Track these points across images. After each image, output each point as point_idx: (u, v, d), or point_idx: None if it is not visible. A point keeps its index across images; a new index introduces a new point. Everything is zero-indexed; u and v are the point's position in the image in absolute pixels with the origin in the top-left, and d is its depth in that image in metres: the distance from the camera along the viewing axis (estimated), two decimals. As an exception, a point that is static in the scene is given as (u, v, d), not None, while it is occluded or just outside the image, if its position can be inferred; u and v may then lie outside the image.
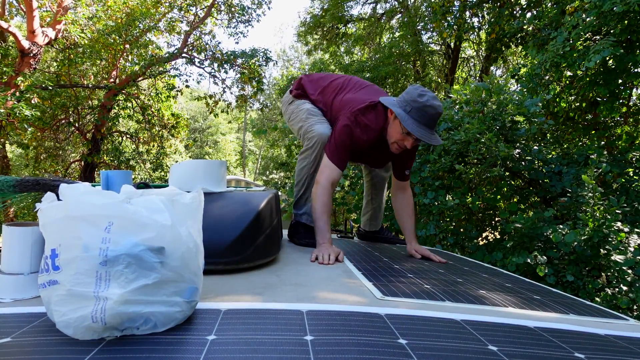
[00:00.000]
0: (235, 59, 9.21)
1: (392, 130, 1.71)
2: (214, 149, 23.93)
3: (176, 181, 1.38)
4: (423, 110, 1.60)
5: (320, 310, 0.82)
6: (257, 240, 1.24)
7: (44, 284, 0.67)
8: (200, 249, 0.78)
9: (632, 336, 0.85)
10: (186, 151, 16.01)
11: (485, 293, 1.15)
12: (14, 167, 11.83)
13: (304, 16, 11.92)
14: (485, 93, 3.49)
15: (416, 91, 1.63)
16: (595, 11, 3.47)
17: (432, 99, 1.61)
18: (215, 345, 0.62)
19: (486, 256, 3.09)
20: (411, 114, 1.62)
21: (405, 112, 1.63)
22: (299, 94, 2.00)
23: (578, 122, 4.75)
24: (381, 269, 1.37)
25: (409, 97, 1.63)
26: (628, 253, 2.65)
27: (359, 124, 1.73)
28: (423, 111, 1.60)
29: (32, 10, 6.98)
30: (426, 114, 1.60)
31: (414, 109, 1.61)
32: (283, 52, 24.69)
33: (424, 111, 1.60)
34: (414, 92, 1.63)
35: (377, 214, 2.25)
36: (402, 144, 1.70)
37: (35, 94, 7.30)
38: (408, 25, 8.60)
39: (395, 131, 1.70)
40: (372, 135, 1.77)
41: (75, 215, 0.66)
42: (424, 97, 1.60)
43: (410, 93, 1.64)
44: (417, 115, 1.61)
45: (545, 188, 3.39)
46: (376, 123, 1.75)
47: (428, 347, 0.66)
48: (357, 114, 1.73)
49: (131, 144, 10.47)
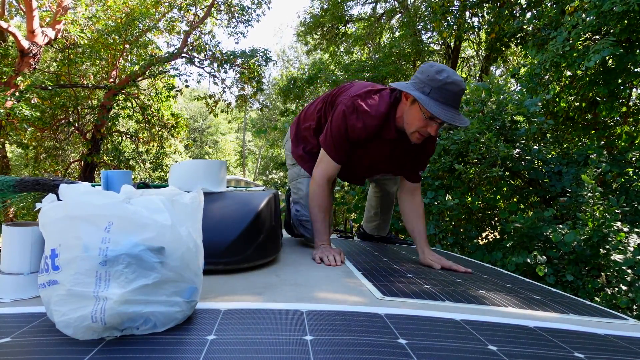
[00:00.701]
0: (235, 59, 9.22)
1: (411, 118, 1.48)
2: (213, 148, 23.93)
3: (176, 181, 1.38)
4: (444, 88, 1.37)
5: (320, 310, 0.82)
6: (257, 240, 1.24)
7: (44, 284, 0.67)
8: (200, 249, 0.78)
9: (632, 336, 0.85)
10: (186, 151, 16.01)
11: (485, 293, 1.15)
12: (14, 167, 11.83)
13: (304, 16, 11.93)
14: (485, 93, 3.49)
15: (432, 69, 1.41)
16: (595, 11, 3.47)
17: (452, 74, 1.39)
18: (215, 345, 0.62)
19: (486, 256, 3.09)
20: (432, 95, 1.39)
21: (425, 94, 1.39)
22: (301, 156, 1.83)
23: (578, 122, 4.76)
24: (381, 269, 1.37)
25: (425, 77, 1.41)
26: (628, 253, 2.65)
27: (356, 109, 1.54)
28: (445, 89, 1.37)
29: (31, 10, 6.98)
30: (449, 92, 1.38)
31: (434, 89, 1.38)
32: (283, 52, 24.69)
33: (446, 89, 1.37)
34: (430, 71, 1.40)
35: (386, 225, 2.20)
36: (424, 131, 1.47)
37: (35, 94, 7.30)
38: (408, 25, 8.60)
39: (415, 118, 1.46)
40: (371, 123, 1.55)
41: (75, 215, 0.66)
42: (442, 73, 1.38)
43: (426, 72, 1.41)
44: (439, 96, 1.38)
45: (545, 188, 3.39)
46: (376, 109, 1.54)
47: (428, 347, 0.66)
48: (355, 99, 1.55)
49: (131, 144, 10.47)
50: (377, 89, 1.60)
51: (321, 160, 1.64)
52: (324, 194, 1.61)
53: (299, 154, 1.85)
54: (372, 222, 2.20)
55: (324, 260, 1.43)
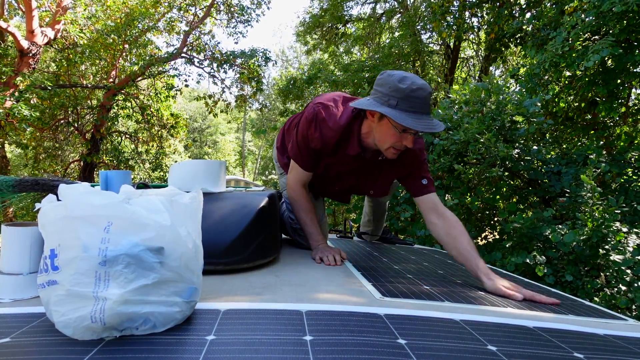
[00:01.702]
0: (234, 59, 9.22)
1: (383, 134, 1.38)
2: (213, 149, 23.93)
3: (175, 181, 1.38)
4: (411, 96, 1.27)
5: (320, 311, 0.82)
6: (257, 241, 1.24)
7: (43, 284, 0.67)
8: (200, 249, 0.78)
9: (631, 336, 0.85)
10: (185, 151, 16.01)
11: (484, 293, 1.15)
12: (13, 167, 11.83)
13: (303, 16, 11.93)
14: (485, 93, 3.49)
15: (392, 78, 1.30)
16: (594, 11, 3.47)
17: (415, 79, 1.29)
18: (215, 346, 0.62)
19: (485, 256, 3.09)
20: (399, 106, 1.28)
21: (392, 107, 1.29)
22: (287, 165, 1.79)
23: (577, 122, 4.76)
24: (380, 269, 1.37)
25: (387, 89, 1.30)
26: (627, 253, 2.66)
27: (316, 116, 1.46)
28: (412, 97, 1.27)
29: (31, 10, 6.98)
30: (417, 99, 1.28)
31: (400, 100, 1.27)
32: (282, 52, 24.68)
33: (413, 97, 1.27)
34: (391, 81, 1.30)
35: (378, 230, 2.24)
36: (400, 145, 1.37)
37: (35, 94, 7.30)
38: (407, 25, 8.60)
39: (386, 134, 1.36)
40: (327, 134, 1.46)
41: (74, 216, 0.66)
42: (405, 81, 1.28)
43: (387, 83, 1.30)
44: (408, 105, 1.28)
45: (545, 188, 3.40)
46: (335, 121, 1.45)
47: (427, 347, 0.66)
48: (317, 106, 1.47)
49: (130, 144, 10.47)
50: (346, 99, 1.51)
51: (292, 167, 1.62)
52: (303, 197, 1.61)
53: (284, 162, 1.85)
54: (367, 227, 2.25)
55: (323, 260, 1.43)
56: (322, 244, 1.56)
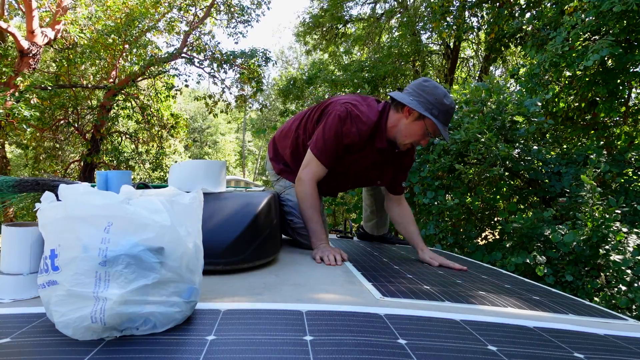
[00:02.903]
0: (234, 59, 9.22)
1: (412, 131, 1.58)
2: (213, 149, 23.94)
3: (176, 181, 1.38)
4: (448, 112, 1.53)
5: (320, 311, 0.82)
6: (257, 241, 1.24)
7: (44, 285, 0.67)
8: (200, 249, 0.78)
9: (631, 336, 0.85)
10: (185, 151, 16.00)
11: (484, 293, 1.15)
12: (14, 167, 11.83)
13: (303, 16, 11.93)
14: (485, 93, 3.49)
15: (438, 91, 1.52)
16: (594, 11, 3.47)
17: (451, 97, 1.54)
18: (215, 346, 0.62)
19: (485, 256, 3.09)
20: (439, 118, 1.52)
21: (434, 116, 1.51)
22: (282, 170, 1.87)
23: (577, 122, 4.76)
24: (381, 269, 1.37)
25: (432, 98, 1.52)
26: (627, 253, 2.66)
27: (350, 114, 1.58)
28: (448, 114, 1.53)
29: (31, 10, 6.98)
30: (449, 116, 1.54)
31: (441, 113, 1.52)
32: (282, 52, 24.68)
33: (449, 113, 1.53)
34: (437, 93, 1.52)
35: (384, 222, 2.22)
36: (417, 143, 1.62)
37: (35, 94, 7.30)
38: (407, 25, 8.60)
39: (415, 133, 1.58)
40: (363, 129, 1.60)
41: (74, 216, 0.66)
42: (448, 98, 1.52)
43: (433, 93, 1.52)
44: (444, 119, 1.53)
45: (545, 188, 3.40)
46: (367, 117, 1.60)
47: (427, 347, 0.66)
48: (347, 105, 1.60)
49: (130, 144, 10.47)
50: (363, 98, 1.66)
51: (309, 163, 1.64)
52: (315, 194, 1.63)
53: (280, 168, 1.88)
54: (370, 220, 2.22)
55: (324, 260, 1.42)
56: (324, 243, 1.56)
